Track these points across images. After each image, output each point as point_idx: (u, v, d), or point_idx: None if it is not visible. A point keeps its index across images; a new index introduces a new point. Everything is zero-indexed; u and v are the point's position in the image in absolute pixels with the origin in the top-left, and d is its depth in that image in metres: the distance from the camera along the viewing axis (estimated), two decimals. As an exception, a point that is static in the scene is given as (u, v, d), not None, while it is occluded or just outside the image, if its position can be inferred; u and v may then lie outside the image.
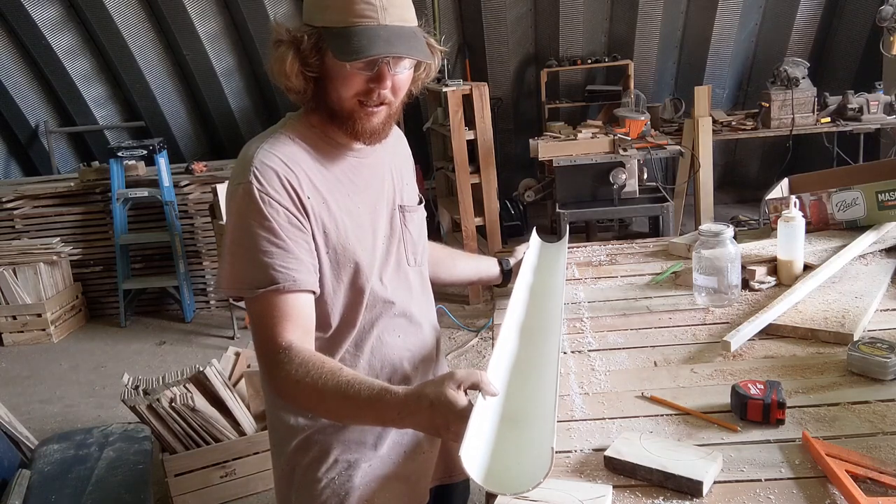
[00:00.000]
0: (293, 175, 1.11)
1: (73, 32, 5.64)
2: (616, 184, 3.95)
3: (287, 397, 1.12)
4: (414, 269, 1.30)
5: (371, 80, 1.10)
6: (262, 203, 1.08)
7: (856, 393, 1.16)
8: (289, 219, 1.09)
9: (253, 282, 1.08)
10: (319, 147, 1.17)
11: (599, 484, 0.97)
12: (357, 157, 1.21)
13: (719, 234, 1.51)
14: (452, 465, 1.42)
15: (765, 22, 5.80)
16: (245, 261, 1.09)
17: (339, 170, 1.18)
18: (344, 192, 1.17)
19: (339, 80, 1.10)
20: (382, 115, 1.15)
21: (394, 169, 1.30)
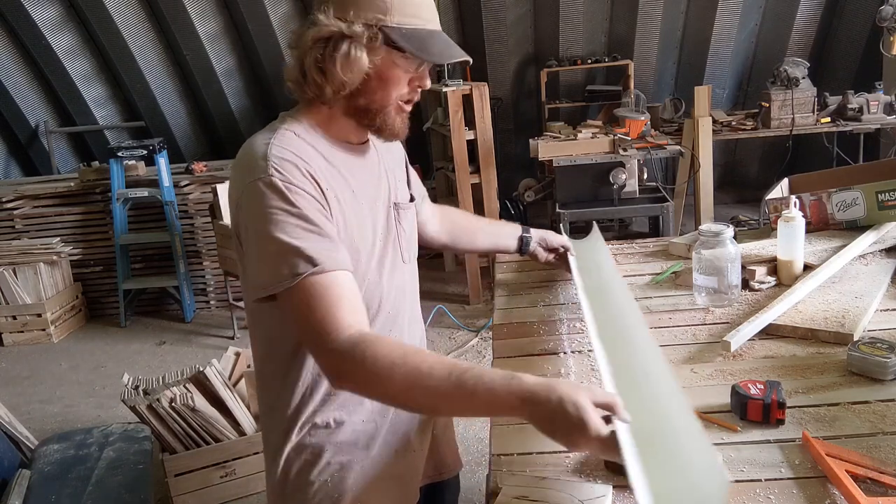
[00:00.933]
0: (310, 167, 1.09)
1: (73, 32, 5.64)
2: (616, 184, 3.95)
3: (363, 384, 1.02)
4: (407, 266, 1.31)
5: (415, 81, 1.14)
6: (289, 192, 1.04)
7: (856, 393, 1.16)
8: (317, 207, 1.07)
9: (291, 270, 1.02)
10: (321, 144, 1.16)
11: (599, 484, 0.97)
12: (357, 153, 1.21)
13: (719, 234, 1.51)
14: (442, 463, 1.44)
15: (765, 22, 5.80)
16: (278, 253, 1.03)
17: (342, 167, 1.17)
18: (348, 190, 1.16)
19: (391, 80, 1.12)
20: (407, 114, 1.18)
21: (387, 166, 1.30)
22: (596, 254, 1.80)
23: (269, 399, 1.24)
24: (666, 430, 0.95)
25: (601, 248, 1.81)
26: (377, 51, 1.09)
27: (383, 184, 1.26)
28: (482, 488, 2.43)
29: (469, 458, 2.89)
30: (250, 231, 1.07)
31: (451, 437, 1.50)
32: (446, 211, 1.61)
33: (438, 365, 0.97)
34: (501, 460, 1.08)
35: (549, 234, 1.70)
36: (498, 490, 0.97)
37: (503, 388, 0.92)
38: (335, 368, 1.02)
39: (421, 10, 1.11)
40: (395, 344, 1.01)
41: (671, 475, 0.88)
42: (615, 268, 1.71)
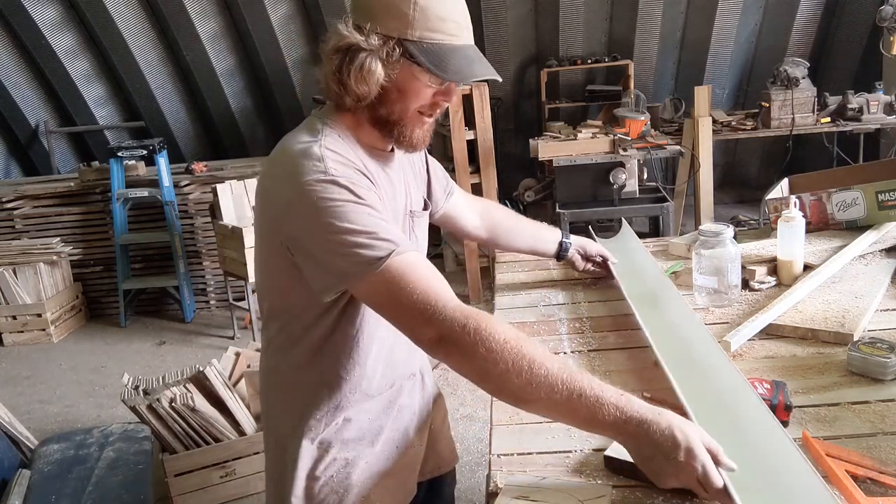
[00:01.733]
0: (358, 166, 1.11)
1: (73, 32, 5.64)
2: (616, 184, 3.95)
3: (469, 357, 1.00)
4: None
5: (439, 94, 1.12)
6: (353, 186, 1.05)
7: (856, 393, 1.16)
8: (376, 198, 1.09)
9: (374, 255, 1.02)
10: (358, 148, 1.17)
11: (599, 484, 0.97)
12: (383, 161, 1.21)
13: (719, 234, 1.51)
14: (441, 459, 1.47)
15: (765, 22, 5.80)
16: (355, 242, 1.02)
17: (377, 170, 1.18)
18: (381, 192, 1.17)
19: (411, 93, 1.11)
20: (429, 126, 1.17)
21: (407, 173, 1.31)
22: (633, 254, 1.81)
23: (279, 396, 1.26)
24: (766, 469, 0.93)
25: (637, 248, 1.83)
26: (395, 64, 1.08)
27: (402, 192, 1.27)
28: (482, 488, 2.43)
29: (469, 458, 2.89)
30: (316, 229, 1.05)
31: (448, 433, 1.55)
32: (488, 207, 1.64)
33: (551, 358, 0.98)
34: (501, 460, 1.08)
35: (589, 243, 1.75)
36: (498, 490, 0.97)
37: (612, 399, 0.93)
38: (443, 335, 1.01)
39: (445, 24, 1.09)
40: (508, 325, 1.02)
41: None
42: (657, 269, 1.72)
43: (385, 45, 1.07)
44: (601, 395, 0.93)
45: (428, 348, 1.06)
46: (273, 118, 6.20)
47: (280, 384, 1.26)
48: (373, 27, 1.07)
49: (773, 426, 1.01)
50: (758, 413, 1.04)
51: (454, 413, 3.26)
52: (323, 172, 1.05)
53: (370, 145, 1.19)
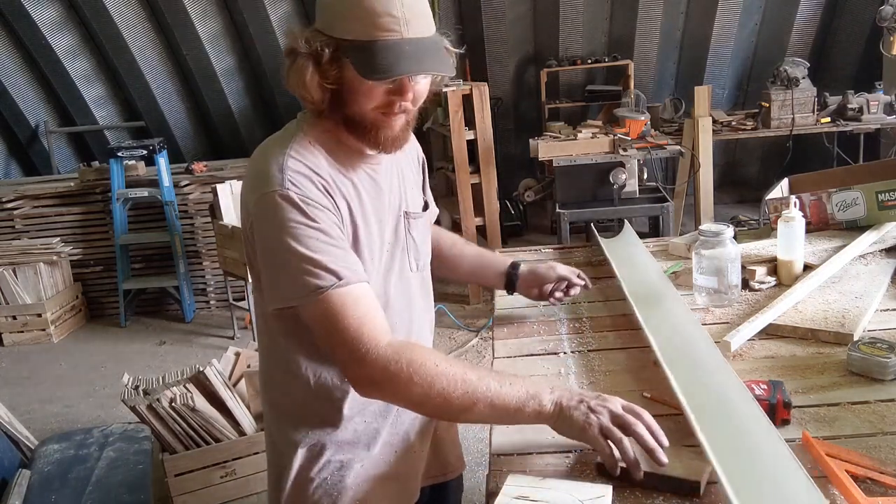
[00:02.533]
0: (323, 181, 1.09)
1: (73, 32, 5.64)
2: (616, 184, 3.95)
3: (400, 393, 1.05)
4: (416, 274, 1.29)
5: (392, 93, 1.08)
6: (306, 206, 1.05)
7: (856, 393, 1.16)
8: (333, 220, 1.08)
9: (315, 284, 1.03)
10: (335, 153, 1.15)
11: (599, 484, 0.97)
12: (369, 164, 1.19)
13: (719, 234, 1.51)
14: (446, 463, 1.43)
15: (765, 22, 5.80)
16: (300, 267, 1.04)
17: (355, 177, 1.16)
18: (357, 199, 1.15)
19: (360, 93, 1.07)
20: (401, 123, 1.13)
21: (402, 174, 1.28)
22: (633, 255, 1.81)
23: (275, 397, 1.26)
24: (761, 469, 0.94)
25: (637, 248, 1.82)
26: (331, 65, 1.05)
27: (395, 192, 1.24)
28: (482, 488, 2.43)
29: (469, 458, 2.88)
30: (268, 242, 1.07)
31: (455, 438, 1.50)
32: (437, 232, 1.52)
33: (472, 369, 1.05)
34: (501, 460, 1.08)
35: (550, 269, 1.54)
36: (498, 490, 0.97)
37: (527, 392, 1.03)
38: (372, 377, 1.04)
39: (380, 20, 1.02)
40: (429, 352, 1.07)
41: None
42: (657, 269, 1.72)
43: (319, 46, 1.05)
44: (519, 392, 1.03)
45: (358, 387, 1.08)
46: (273, 118, 6.20)
47: (275, 387, 1.26)
48: (312, 28, 1.07)
49: (768, 427, 1.01)
50: (753, 414, 1.04)
51: (454, 413, 3.25)
52: (280, 185, 1.05)
53: (354, 146, 1.16)
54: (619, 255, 1.83)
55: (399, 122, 1.12)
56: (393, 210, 1.23)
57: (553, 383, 1.30)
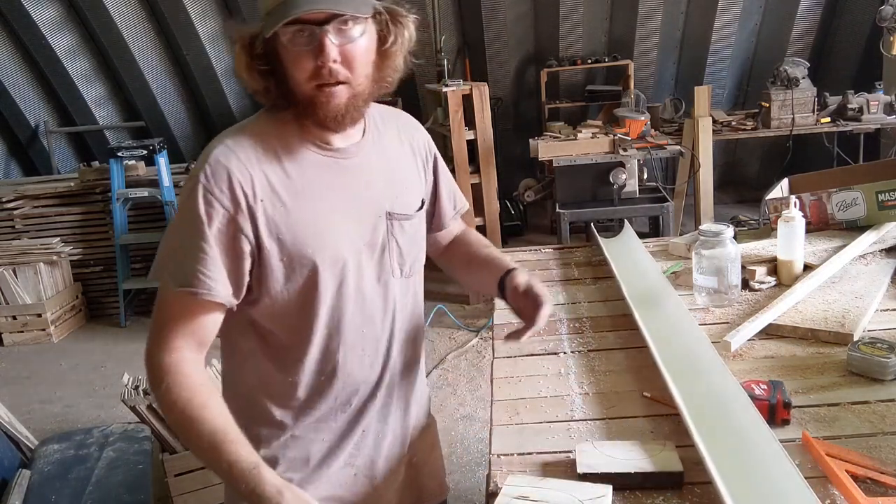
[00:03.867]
0: (247, 176, 1.04)
1: (73, 32, 5.64)
2: (616, 184, 3.95)
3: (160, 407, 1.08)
4: (400, 280, 1.19)
5: (315, 56, 1.00)
6: (205, 202, 1.03)
7: (856, 393, 1.16)
8: (227, 223, 1.04)
9: (174, 277, 1.05)
10: (291, 145, 1.09)
11: (599, 484, 0.97)
12: (337, 157, 1.12)
13: (719, 234, 1.51)
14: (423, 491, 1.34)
15: (765, 22, 5.80)
16: (173, 253, 1.06)
17: (311, 170, 1.10)
18: (312, 195, 1.09)
19: (290, 66, 1.03)
20: (344, 96, 1.04)
21: (389, 170, 1.18)
22: (633, 255, 1.82)
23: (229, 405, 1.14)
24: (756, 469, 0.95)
25: (637, 249, 1.82)
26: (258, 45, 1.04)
27: (374, 191, 1.15)
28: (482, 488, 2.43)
29: (469, 459, 2.89)
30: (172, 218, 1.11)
31: (436, 465, 1.39)
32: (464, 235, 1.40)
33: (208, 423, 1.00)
34: (501, 460, 1.08)
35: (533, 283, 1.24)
36: (498, 490, 0.97)
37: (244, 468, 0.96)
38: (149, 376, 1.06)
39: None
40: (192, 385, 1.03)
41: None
42: (657, 269, 1.72)
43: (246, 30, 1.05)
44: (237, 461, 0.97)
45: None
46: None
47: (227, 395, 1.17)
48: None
49: (763, 428, 1.01)
50: (748, 415, 1.04)
51: (454, 413, 3.26)
52: (199, 170, 1.05)
53: (316, 140, 1.11)
54: (619, 255, 1.84)
55: (340, 93, 1.03)
56: (370, 208, 1.15)
57: (556, 383, 1.30)
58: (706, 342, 1.30)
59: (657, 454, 1.00)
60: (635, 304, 1.50)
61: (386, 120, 1.22)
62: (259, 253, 1.07)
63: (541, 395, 1.27)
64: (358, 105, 1.07)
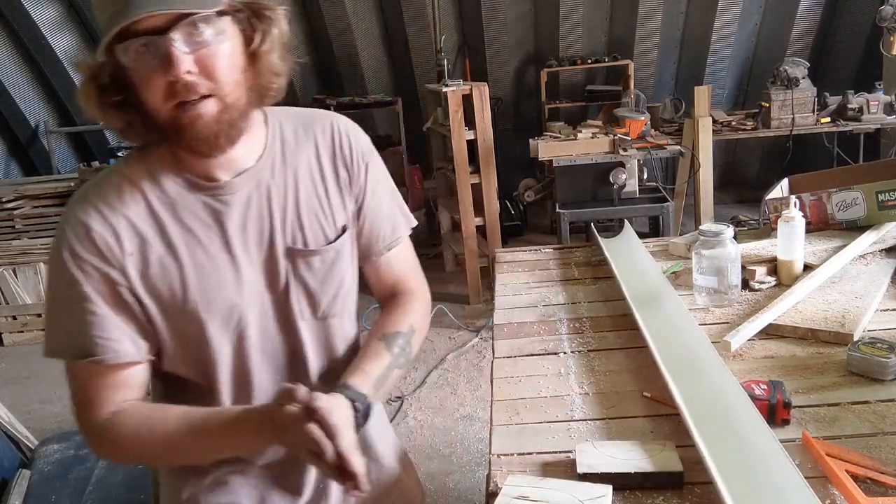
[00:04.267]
0: (109, 229, 0.93)
1: (73, 32, 5.64)
2: (616, 184, 3.95)
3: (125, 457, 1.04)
4: (309, 323, 1.05)
5: (166, 71, 0.85)
6: (75, 264, 0.92)
7: (856, 393, 1.16)
8: (103, 280, 0.93)
9: (71, 350, 0.95)
10: (163, 186, 0.96)
11: (599, 484, 0.97)
12: (218, 193, 0.97)
13: (719, 234, 1.51)
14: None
15: (765, 22, 5.80)
16: (61, 327, 0.96)
17: (188, 212, 0.96)
18: (190, 241, 0.96)
19: (142, 90, 0.88)
20: (212, 111, 0.89)
21: (294, 200, 1.02)
22: (633, 255, 1.82)
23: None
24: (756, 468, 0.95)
25: (637, 249, 1.83)
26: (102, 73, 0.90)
27: (267, 225, 1.00)
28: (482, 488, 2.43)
29: (469, 459, 2.89)
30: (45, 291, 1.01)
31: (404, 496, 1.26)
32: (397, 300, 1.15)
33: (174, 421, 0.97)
34: (501, 460, 1.08)
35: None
36: (498, 490, 0.97)
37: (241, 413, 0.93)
38: (92, 446, 1.03)
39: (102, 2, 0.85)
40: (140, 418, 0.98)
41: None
42: (657, 269, 1.72)
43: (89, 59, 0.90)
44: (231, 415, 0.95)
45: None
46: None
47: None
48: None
49: (763, 428, 1.01)
50: (748, 415, 1.04)
51: (454, 413, 3.26)
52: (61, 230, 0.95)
53: (193, 176, 0.97)
54: (619, 255, 1.84)
55: (206, 109, 0.88)
56: (265, 248, 1.00)
57: (556, 383, 1.30)
58: (706, 342, 1.29)
59: (657, 454, 1.00)
60: (635, 304, 1.50)
61: (300, 130, 1.06)
62: (142, 308, 0.96)
63: (541, 395, 1.27)
64: (233, 119, 0.91)
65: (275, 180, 1.01)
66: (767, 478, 0.91)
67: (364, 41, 5.90)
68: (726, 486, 0.88)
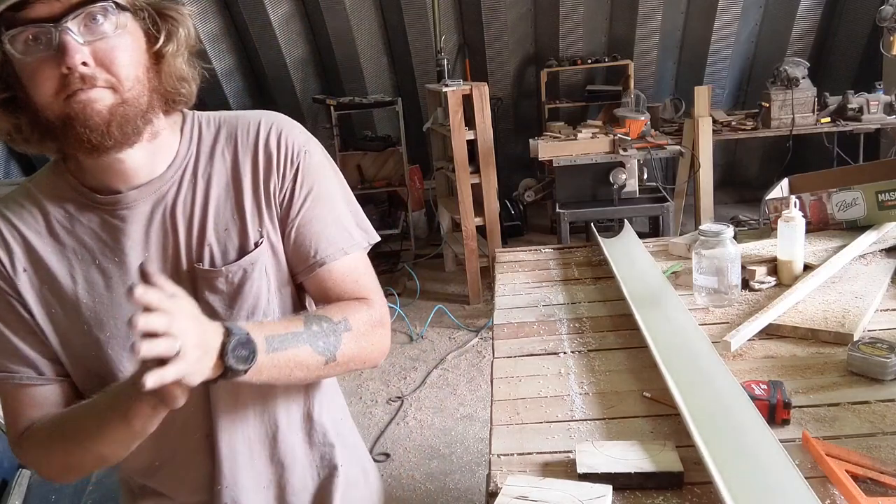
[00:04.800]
0: (2, 244, 0.90)
1: (73, 32, 5.64)
2: (616, 184, 3.95)
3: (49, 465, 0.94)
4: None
5: (59, 62, 0.78)
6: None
7: (856, 393, 1.16)
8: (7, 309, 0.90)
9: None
10: (66, 201, 0.91)
11: (599, 484, 0.97)
12: (113, 207, 0.90)
13: (719, 234, 1.51)
14: None
15: (765, 22, 5.80)
16: None
17: (86, 230, 0.91)
18: (85, 259, 0.91)
19: (31, 83, 0.81)
20: (107, 101, 0.81)
21: (202, 213, 0.93)
22: (633, 255, 1.82)
23: None
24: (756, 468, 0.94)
25: (637, 249, 1.83)
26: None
27: (169, 242, 0.92)
28: (482, 488, 2.43)
29: (469, 459, 2.89)
30: None
31: None
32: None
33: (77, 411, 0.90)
34: (501, 460, 1.08)
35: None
36: (498, 490, 0.97)
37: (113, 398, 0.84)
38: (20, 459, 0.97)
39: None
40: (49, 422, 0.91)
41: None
42: (657, 270, 1.72)
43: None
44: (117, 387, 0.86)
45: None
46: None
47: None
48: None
49: (763, 428, 1.01)
50: (748, 414, 1.05)
51: (454, 413, 3.26)
52: None
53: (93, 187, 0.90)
54: (619, 255, 1.84)
55: (99, 98, 0.81)
56: (163, 266, 0.92)
57: (556, 383, 1.30)
58: (706, 342, 1.29)
59: (657, 454, 1.00)
60: (635, 304, 1.51)
61: (221, 136, 0.98)
62: (39, 327, 0.91)
63: (541, 395, 1.27)
64: (129, 115, 0.83)
65: (181, 194, 0.92)
66: (767, 478, 0.91)
67: (364, 41, 5.90)
68: (726, 486, 0.88)
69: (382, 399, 3.45)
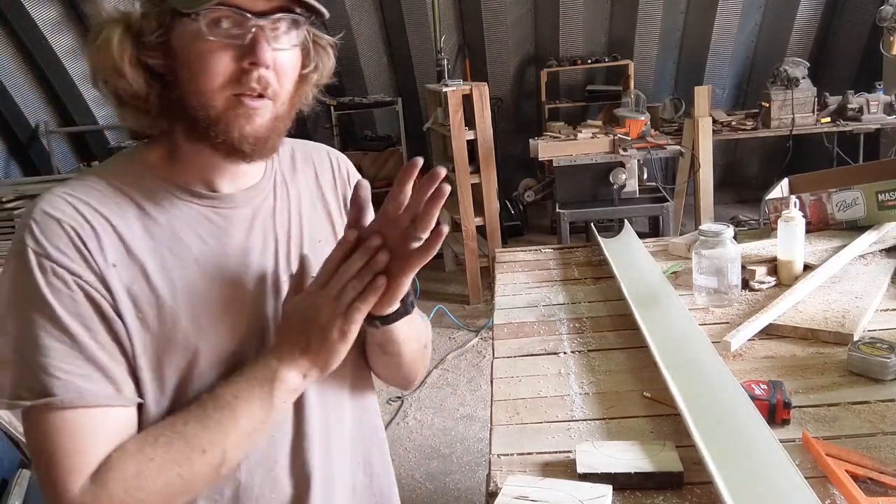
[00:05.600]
0: (87, 228, 0.76)
1: (73, 32, 5.64)
2: (616, 184, 3.95)
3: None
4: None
5: (244, 55, 0.75)
6: (40, 272, 0.73)
7: (856, 393, 1.16)
8: (79, 293, 0.74)
9: (29, 387, 0.72)
10: (153, 191, 0.81)
11: (599, 484, 0.97)
12: (216, 205, 0.84)
13: (719, 234, 1.51)
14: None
15: (765, 22, 5.80)
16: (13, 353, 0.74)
17: (179, 223, 0.81)
18: (183, 257, 0.81)
19: (199, 65, 0.75)
20: (267, 115, 0.79)
21: (295, 225, 0.91)
22: (633, 255, 1.82)
23: None
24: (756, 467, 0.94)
25: (637, 249, 1.83)
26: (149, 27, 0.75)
27: (269, 251, 0.87)
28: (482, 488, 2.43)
29: (469, 459, 2.89)
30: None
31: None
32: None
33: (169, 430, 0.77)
34: (501, 460, 1.08)
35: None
36: (498, 490, 0.97)
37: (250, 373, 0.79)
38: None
39: None
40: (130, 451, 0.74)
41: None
42: (656, 269, 1.72)
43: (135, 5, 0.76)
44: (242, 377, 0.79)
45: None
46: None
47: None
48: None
49: (763, 428, 1.01)
50: (748, 414, 1.05)
51: (454, 413, 3.26)
52: (20, 235, 0.75)
53: (192, 184, 0.83)
54: (619, 255, 1.84)
55: (263, 112, 0.79)
56: (260, 274, 0.86)
57: (556, 383, 1.30)
58: (706, 342, 1.29)
59: (657, 454, 1.00)
60: (635, 304, 1.51)
61: (297, 155, 0.97)
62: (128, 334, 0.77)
63: (541, 395, 1.27)
64: (279, 131, 0.82)
65: (278, 203, 0.90)
66: (767, 478, 0.91)
67: (364, 41, 5.90)
68: (726, 486, 0.88)
69: (382, 399, 3.46)
